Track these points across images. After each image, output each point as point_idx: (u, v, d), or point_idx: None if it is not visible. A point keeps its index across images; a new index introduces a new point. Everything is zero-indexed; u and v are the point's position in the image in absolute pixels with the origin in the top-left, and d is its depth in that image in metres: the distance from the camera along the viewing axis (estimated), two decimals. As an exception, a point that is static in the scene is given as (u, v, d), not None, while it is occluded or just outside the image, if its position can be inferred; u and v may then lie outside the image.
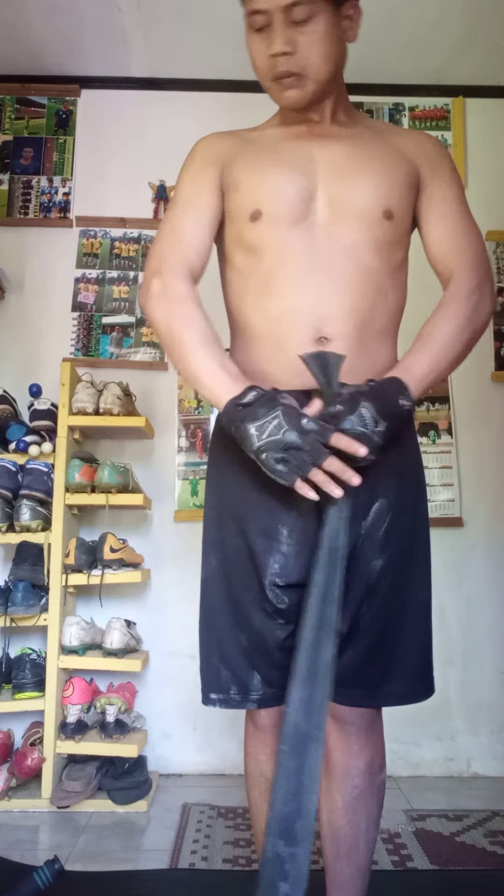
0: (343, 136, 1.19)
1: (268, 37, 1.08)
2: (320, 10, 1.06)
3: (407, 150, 1.20)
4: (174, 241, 1.15)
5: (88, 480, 2.20)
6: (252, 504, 1.12)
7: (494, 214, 2.70)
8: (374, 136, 1.21)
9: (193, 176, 1.19)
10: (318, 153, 1.16)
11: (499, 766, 2.41)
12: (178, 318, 1.09)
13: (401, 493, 1.15)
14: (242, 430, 0.99)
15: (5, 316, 2.61)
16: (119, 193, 2.67)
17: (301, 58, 1.08)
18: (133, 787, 2.10)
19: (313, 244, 1.12)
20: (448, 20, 2.41)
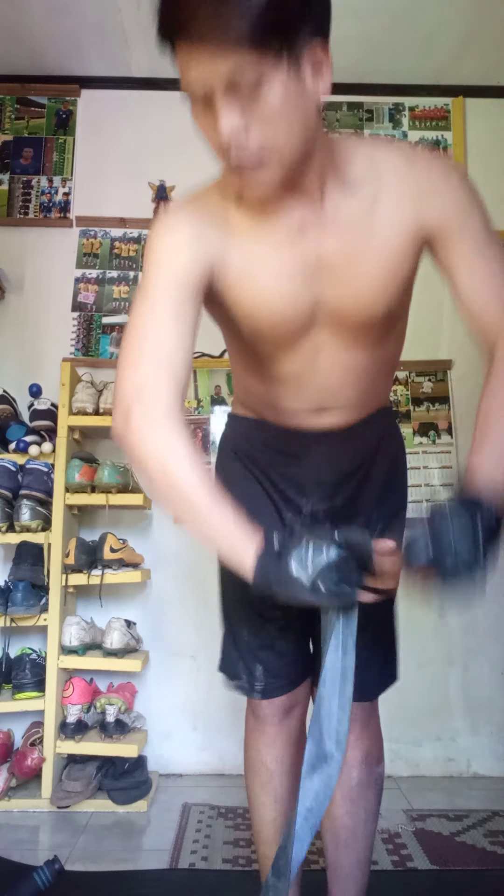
0: (339, 223, 0.95)
1: (212, 114, 0.81)
2: (272, 71, 0.77)
3: (423, 204, 0.95)
4: (155, 353, 0.92)
5: (88, 480, 2.20)
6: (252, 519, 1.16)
7: (494, 214, 2.69)
8: (375, 206, 0.95)
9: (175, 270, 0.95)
10: (314, 252, 0.96)
11: (499, 766, 2.41)
12: (174, 466, 0.89)
13: (396, 515, 1.22)
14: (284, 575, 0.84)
15: (5, 316, 2.61)
16: (119, 193, 2.67)
17: (259, 136, 0.81)
18: (133, 787, 2.10)
19: (314, 356, 1.05)
20: (448, 20, 2.41)
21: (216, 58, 0.76)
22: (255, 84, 0.78)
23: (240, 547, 0.88)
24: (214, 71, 0.77)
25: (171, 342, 0.92)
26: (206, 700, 2.37)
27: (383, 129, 2.79)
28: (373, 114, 2.80)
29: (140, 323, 0.94)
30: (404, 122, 2.80)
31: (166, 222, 0.98)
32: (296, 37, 0.78)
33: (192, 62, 0.78)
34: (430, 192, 0.95)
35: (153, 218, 2.68)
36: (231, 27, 0.74)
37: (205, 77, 0.79)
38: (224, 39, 0.75)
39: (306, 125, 0.85)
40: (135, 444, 0.91)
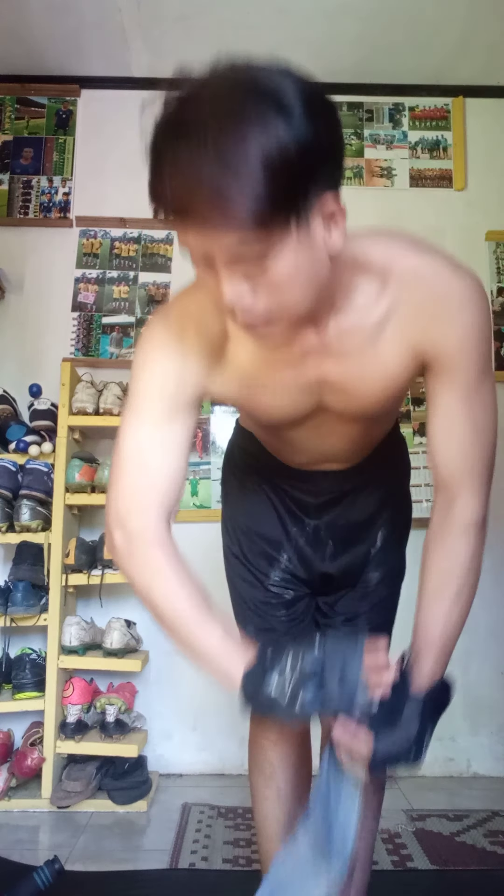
0: (342, 350, 0.91)
1: (213, 273, 0.75)
2: (278, 242, 0.70)
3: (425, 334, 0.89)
4: (141, 472, 0.91)
5: (88, 480, 2.20)
6: (258, 526, 1.23)
7: (494, 214, 2.70)
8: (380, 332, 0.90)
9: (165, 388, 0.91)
10: (314, 374, 0.94)
11: (499, 766, 2.41)
12: (158, 591, 0.91)
13: (396, 519, 1.24)
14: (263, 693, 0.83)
15: (5, 316, 2.61)
16: (119, 193, 2.67)
17: (266, 304, 0.76)
18: (133, 787, 2.10)
19: (315, 431, 1.06)
20: (448, 20, 2.41)
21: (218, 234, 0.69)
22: (261, 256, 0.71)
23: (226, 669, 0.87)
24: (216, 245, 0.71)
25: (158, 461, 0.91)
26: (206, 700, 2.37)
27: (383, 130, 2.79)
28: (373, 114, 2.80)
29: (127, 442, 0.92)
30: (404, 122, 2.80)
31: (158, 336, 0.92)
32: (304, 202, 0.70)
33: (190, 235, 0.72)
34: (435, 324, 0.87)
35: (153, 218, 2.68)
36: (234, 207, 0.66)
37: (206, 248, 0.72)
38: (226, 219, 0.67)
39: (319, 282, 0.78)
40: (122, 567, 0.94)
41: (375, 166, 2.77)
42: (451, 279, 0.87)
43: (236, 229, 0.68)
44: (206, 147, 0.65)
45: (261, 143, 0.65)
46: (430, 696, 0.90)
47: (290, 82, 0.69)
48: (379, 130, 2.79)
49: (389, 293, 0.88)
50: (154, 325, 0.94)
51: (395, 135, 2.79)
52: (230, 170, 0.65)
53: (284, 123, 0.66)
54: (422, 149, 2.78)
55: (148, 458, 0.91)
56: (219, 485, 2.50)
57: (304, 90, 0.69)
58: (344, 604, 1.23)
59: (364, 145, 2.78)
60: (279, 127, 0.66)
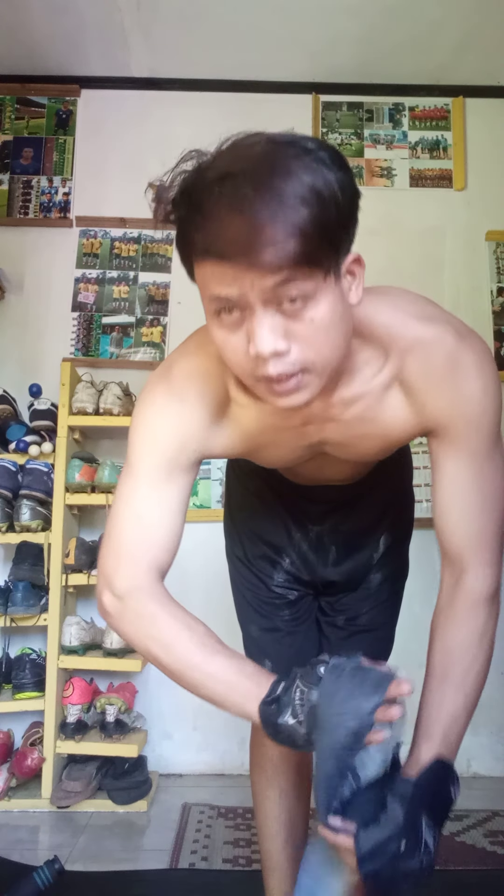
0: (344, 419, 0.91)
1: (244, 326, 0.73)
2: (321, 287, 0.71)
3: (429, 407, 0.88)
4: (134, 531, 0.91)
5: (88, 480, 2.20)
6: (262, 529, 1.24)
7: (494, 214, 2.70)
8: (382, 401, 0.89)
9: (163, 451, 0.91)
10: (316, 437, 0.95)
11: (499, 766, 2.41)
12: (154, 637, 0.88)
13: (399, 521, 1.25)
14: (282, 728, 0.80)
15: (5, 316, 2.61)
16: (119, 193, 2.67)
17: (301, 353, 0.73)
18: (133, 787, 2.10)
19: (318, 467, 1.07)
20: (448, 20, 2.41)
21: (263, 275, 0.68)
22: (302, 301, 0.70)
23: (241, 707, 0.84)
24: (258, 285, 0.69)
25: (152, 519, 0.90)
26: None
27: (383, 129, 2.79)
28: (373, 114, 2.80)
29: (121, 502, 0.92)
30: (404, 122, 2.80)
31: (159, 399, 0.91)
32: (340, 250, 0.72)
33: (228, 276, 0.69)
34: (440, 394, 0.86)
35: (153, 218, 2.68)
36: (285, 249, 0.66)
37: (244, 293, 0.70)
38: (275, 259, 0.67)
39: (347, 338, 0.78)
40: (115, 628, 0.92)
41: (375, 166, 2.77)
42: (455, 349, 0.84)
43: (285, 265, 0.67)
44: (258, 184, 0.66)
45: (310, 182, 0.67)
46: (424, 784, 0.80)
47: (308, 139, 0.72)
48: (379, 130, 2.79)
49: (392, 363, 0.86)
50: (154, 386, 0.92)
51: (395, 135, 2.79)
52: (284, 204, 0.66)
53: (324, 168, 0.69)
54: (422, 149, 2.78)
55: (142, 516, 0.90)
56: (219, 485, 2.52)
57: (324, 145, 0.72)
58: (346, 603, 1.23)
59: (364, 145, 2.78)
60: (322, 169, 0.69)
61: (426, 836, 0.76)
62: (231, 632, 1.27)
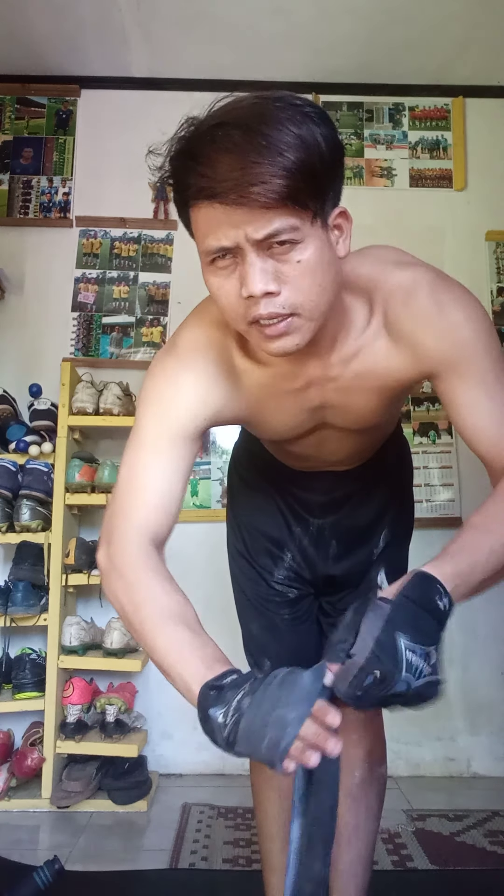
0: (342, 378, 0.94)
1: (236, 271, 0.77)
2: (307, 231, 0.75)
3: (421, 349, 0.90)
4: (134, 497, 0.92)
5: (88, 480, 2.20)
6: (263, 524, 1.25)
7: (494, 214, 2.70)
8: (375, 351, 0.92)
9: (169, 420, 0.93)
10: (317, 400, 0.98)
11: (499, 766, 2.41)
12: (130, 599, 0.86)
13: (399, 519, 1.26)
14: (210, 719, 0.76)
15: (5, 316, 2.61)
16: (119, 193, 2.67)
17: (290, 295, 0.77)
18: (133, 787, 2.10)
19: (318, 443, 1.09)
20: (448, 20, 2.41)
21: (253, 217, 0.72)
22: (291, 243, 0.75)
23: (187, 679, 0.80)
24: (248, 229, 0.73)
25: (151, 483, 0.91)
26: (206, 700, 2.37)
27: (383, 129, 2.79)
28: (373, 114, 2.80)
29: (125, 468, 0.93)
30: (404, 122, 2.80)
31: (165, 369, 0.94)
32: (326, 198, 0.77)
33: (222, 220, 0.74)
34: (430, 336, 0.88)
35: (153, 218, 2.68)
36: (272, 186, 0.71)
37: (236, 235, 0.74)
38: (265, 199, 0.71)
39: (334, 285, 0.81)
40: (103, 584, 0.91)
41: (375, 166, 2.77)
42: (433, 287, 0.88)
43: (273, 209, 0.72)
44: (248, 130, 0.71)
45: (299, 130, 0.73)
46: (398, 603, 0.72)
47: (296, 97, 0.77)
48: (379, 130, 2.79)
49: (378, 311, 0.90)
50: (161, 359, 0.96)
51: (395, 135, 2.79)
52: (272, 148, 0.71)
53: (313, 120, 0.75)
54: (422, 149, 2.78)
55: (142, 480, 0.91)
56: (219, 485, 2.52)
57: (311, 103, 0.77)
58: (348, 602, 1.23)
59: (364, 145, 2.78)
60: (309, 123, 0.74)
61: (409, 656, 0.69)
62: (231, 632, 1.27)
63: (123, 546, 0.89)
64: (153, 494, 0.91)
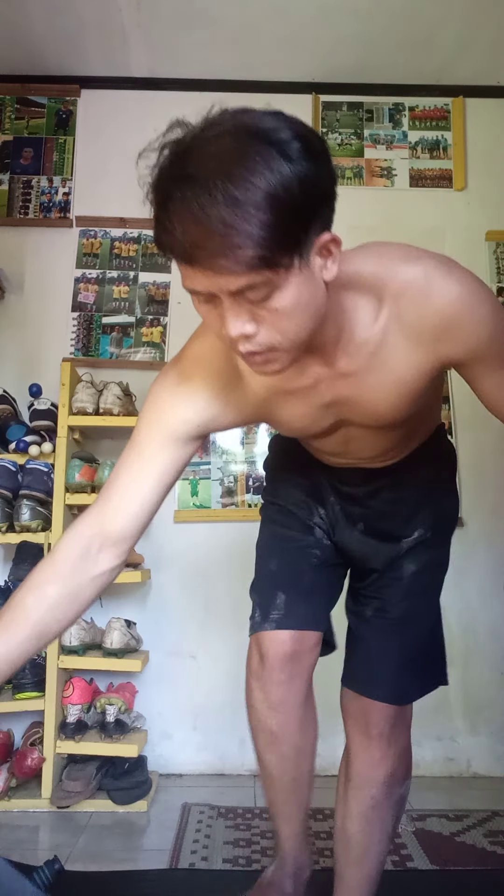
0: (352, 373, 0.94)
1: (217, 311, 0.78)
2: (283, 278, 0.74)
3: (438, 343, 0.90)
4: (100, 495, 0.99)
5: (88, 480, 2.20)
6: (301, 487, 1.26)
7: (494, 214, 2.70)
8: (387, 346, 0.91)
9: (159, 424, 0.97)
10: (329, 397, 0.98)
11: (499, 766, 2.41)
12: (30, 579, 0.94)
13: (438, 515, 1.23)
14: None
15: (5, 316, 2.61)
16: (119, 193, 2.67)
17: (267, 336, 0.78)
18: (133, 787, 2.10)
19: (345, 441, 1.09)
20: (448, 20, 2.41)
21: (224, 277, 0.72)
22: (266, 292, 0.74)
23: None
24: (223, 287, 0.73)
25: (119, 491, 0.97)
26: (206, 700, 2.37)
27: (383, 129, 2.79)
28: (373, 114, 2.80)
29: (119, 467, 0.98)
30: (404, 122, 2.80)
31: (165, 381, 0.98)
32: (306, 239, 0.74)
33: (197, 277, 0.74)
34: (447, 333, 0.88)
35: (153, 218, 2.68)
36: (242, 254, 0.69)
37: (211, 288, 0.74)
38: (235, 261, 0.70)
39: (317, 314, 0.81)
40: None
41: (375, 166, 2.77)
42: (445, 285, 0.87)
43: (244, 270, 0.70)
44: (214, 192, 0.67)
45: (267, 184, 0.68)
46: None
47: (286, 125, 0.72)
48: (379, 130, 2.79)
49: (386, 308, 0.89)
50: (166, 370, 0.99)
51: (395, 135, 2.79)
52: (239, 212, 0.67)
53: (286, 164, 0.69)
54: (422, 149, 2.78)
55: (114, 479, 0.97)
56: (219, 485, 2.53)
57: (299, 132, 0.72)
58: (374, 591, 1.22)
59: (364, 145, 2.78)
60: (282, 167, 0.69)
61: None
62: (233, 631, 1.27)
63: (67, 534, 0.96)
64: (119, 496, 0.96)
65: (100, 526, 0.95)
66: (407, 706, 1.23)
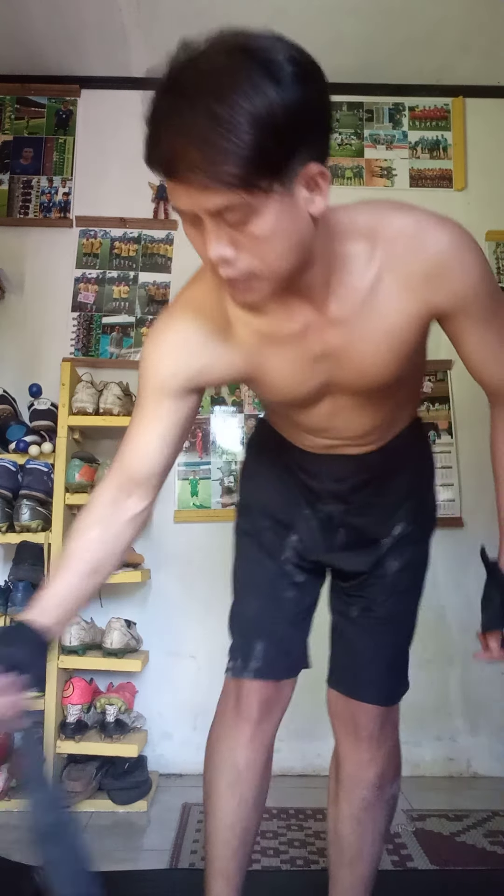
0: (343, 320, 0.93)
1: (201, 234, 0.79)
2: (261, 204, 0.73)
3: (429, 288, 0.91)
4: (119, 455, 1.03)
5: (88, 480, 2.20)
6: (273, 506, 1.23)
7: (494, 214, 2.70)
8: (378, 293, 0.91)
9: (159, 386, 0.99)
10: (319, 347, 0.96)
11: (499, 766, 2.41)
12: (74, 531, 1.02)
13: (418, 512, 1.22)
14: None
15: (5, 316, 2.61)
16: (119, 193, 2.67)
17: (247, 261, 0.79)
18: (133, 787, 2.10)
19: (330, 414, 1.07)
20: (448, 20, 2.41)
21: (204, 194, 0.72)
22: (245, 215, 0.74)
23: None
24: (202, 204, 0.74)
25: (135, 444, 1.02)
26: (206, 700, 2.35)
27: (383, 129, 2.79)
28: (373, 114, 2.80)
29: (129, 429, 1.03)
30: (404, 122, 2.80)
31: (158, 331, 1.00)
32: (289, 166, 0.73)
33: (180, 193, 0.75)
34: (438, 279, 0.89)
35: (153, 218, 2.68)
36: (222, 166, 0.69)
37: (192, 207, 0.75)
38: (214, 178, 0.70)
39: (301, 246, 0.81)
40: None
41: (375, 166, 2.77)
42: (438, 232, 0.89)
43: (223, 188, 0.71)
44: (198, 107, 0.68)
45: (251, 105, 0.68)
46: None
47: (282, 48, 0.73)
48: (379, 130, 2.79)
49: (380, 254, 0.90)
50: (156, 323, 1.02)
51: (395, 135, 2.79)
52: (220, 129, 0.68)
53: (274, 87, 0.69)
54: (422, 149, 2.78)
55: (128, 438, 1.02)
56: (219, 485, 2.52)
57: (295, 56, 0.72)
58: (360, 591, 1.20)
59: (364, 145, 2.78)
60: (269, 90, 0.69)
61: None
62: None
63: (97, 490, 1.03)
64: (132, 447, 1.01)
65: (123, 475, 1.01)
66: (394, 706, 1.22)
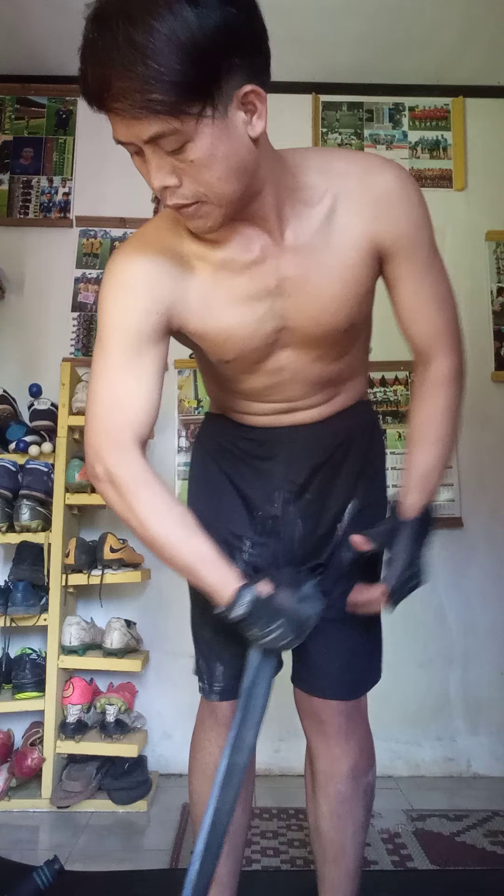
0: (298, 248, 0.94)
1: (145, 164, 0.80)
2: (194, 130, 0.74)
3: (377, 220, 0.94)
4: (112, 405, 0.96)
5: (88, 480, 2.20)
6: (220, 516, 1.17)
7: (494, 214, 2.70)
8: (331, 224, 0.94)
9: (129, 321, 0.95)
10: (274, 278, 0.96)
11: (499, 766, 2.41)
12: (140, 511, 0.96)
13: (369, 489, 1.19)
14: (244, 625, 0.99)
15: (5, 316, 2.61)
16: (119, 193, 2.67)
17: (191, 187, 0.80)
18: (133, 787, 2.10)
19: (278, 373, 1.06)
20: (448, 20, 2.41)
21: (136, 124, 0.74)
22: (179, 140, 0.75)
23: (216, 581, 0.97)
24: (137, 134, 0.75)
25: (130, 397, 0.96)
26: (206, 700, 2.37)
27: (383, 130, 2.79)
28: (373, 114, 2.80)
29: (99, 381, 0.97)
30: (404, 122, 2.80)
31: (118, 269, 0.97)
32: (218, 93, 0.74)
33: (116, 124, 0.76)
34: (385, 209, 0.94)
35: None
36: (145, 98, 0.70)
37: (129, 137, 0.76)
38: (141, 109, 0.71)
39: (242, 168, 0.82)
40: (105, 497, 0.99)
41: (375, 166, 2.77)
42: (387, 169, 0.95)
43: (152, 116, 0.72)
44: (118, 36, 0.69)
45: (168, 29, 0.68)
46: (419, 521, 1.06)
47: None
48: (379, 130, 2.79)
49: (333, 186, 0.94)
50: (114, 259, 0.98)
51: (395, 135, 2.79)
52: (140, 56, 0.68)
53: (193, 9, 0.69)
54: (422, 149, 2.78)
55: (119, 395, 0.95)
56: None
57: None
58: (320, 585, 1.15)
59: (364, 145, 2.78)
60: (187, 12, 0.69)
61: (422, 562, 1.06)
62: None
63: (118, 462, 0.95)
64: (133, 410, 0.96)
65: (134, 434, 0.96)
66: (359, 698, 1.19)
